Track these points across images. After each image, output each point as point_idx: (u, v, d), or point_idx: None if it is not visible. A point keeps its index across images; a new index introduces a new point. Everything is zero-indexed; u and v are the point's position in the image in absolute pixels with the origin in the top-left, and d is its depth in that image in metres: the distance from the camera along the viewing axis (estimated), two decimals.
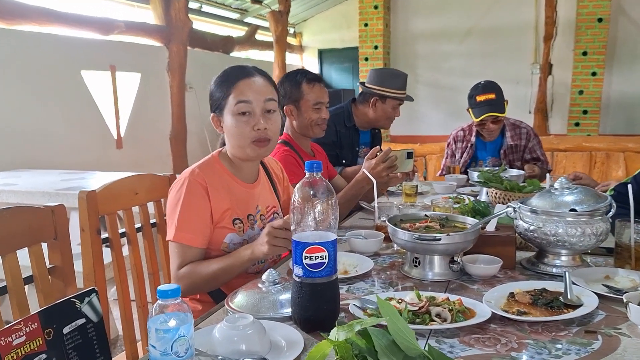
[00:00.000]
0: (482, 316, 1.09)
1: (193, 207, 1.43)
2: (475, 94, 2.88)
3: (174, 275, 1.43)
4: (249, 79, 1.48)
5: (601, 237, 1.35)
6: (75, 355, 0.87)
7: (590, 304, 1.13)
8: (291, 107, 2.18)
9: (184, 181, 1.46)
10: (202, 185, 1.45)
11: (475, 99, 2.87)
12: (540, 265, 1.43)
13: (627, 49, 7.91)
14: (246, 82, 1.47)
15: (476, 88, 2.91)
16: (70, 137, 5.09)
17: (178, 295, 0.82)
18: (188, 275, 1.41)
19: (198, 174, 1.47)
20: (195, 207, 1.43)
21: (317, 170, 1.06)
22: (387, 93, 2.65)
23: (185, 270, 1.42)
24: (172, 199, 1.46)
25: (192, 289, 1.45)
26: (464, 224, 1.50)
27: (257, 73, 1.51)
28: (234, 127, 1.47)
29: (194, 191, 1.44)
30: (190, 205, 1.43)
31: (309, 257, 1.02)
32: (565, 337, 1.03)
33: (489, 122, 2.86)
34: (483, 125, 2.89)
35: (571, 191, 1.40)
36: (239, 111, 1.46)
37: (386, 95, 2.65)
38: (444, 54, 9.05)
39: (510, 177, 2.37)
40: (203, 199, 1.45)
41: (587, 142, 4.73)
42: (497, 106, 2.82)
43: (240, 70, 1.50)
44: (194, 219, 1.43)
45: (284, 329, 1.04)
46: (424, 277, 1.39)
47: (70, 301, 0.89)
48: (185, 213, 1.42)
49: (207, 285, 1.46)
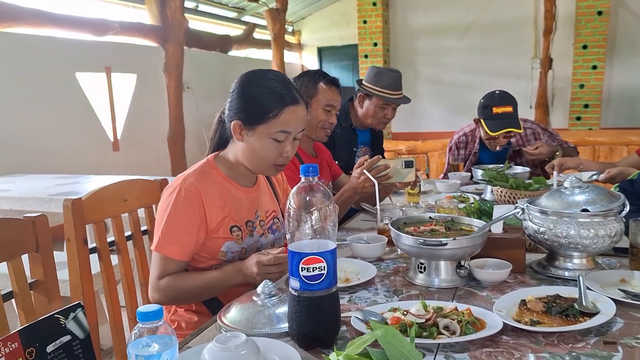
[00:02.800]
0: (493, 327, 1.02)
1: (180, 218, 1.35)
2: (492, 104, 2.65)
3: (152, 285, 1.37)
4: (295, 106, 1.39)
5: (615, 238, 1.28)
6: None
7: (607, 311, 1.06)
8: None
9: (174, 189, 1.38)
10: (195, 195, 1.37)
11: (492, 110, 2.64)
12: (552, 268, 1.35)
13: (628, 41, 7.83)
14: (292, 111, 1.38)
15: (492, 97, 2.69)
16: (65, 140, 5.03)
17: (161, 317, 0.75)
18: (167, 287, 1.36)
19: (191, 184, 1.38)
20: (182, 219, 1.35)
21: (313, 174, 0.98)
22: (372, 90, 2.55)
23: (165, 281, 1.36)
24: (161, 206, 1.40)
25: (171, 300, 1.40)
26: (470, 227, 1.43)
27: (301, 100, 1.42)
28: (263, 149, 1.39)
29: (183, 202, 1.36)
30: (177, 216, 1.35)
31: (306, 269, 0.95)
32: (583, 349, 0.96)
33: (501, 137, 2.67)
34: (495, 139, 2.69)
35: (582, 190, 1.33)
36: (276, 138, 1.38)
37: (371, 92, 2.56)
38: (444, 50, 8.97)
39: (515, 175, 2.29)
40: (193, 210, 1.37)
41: (589, 136, 4.66)
42: (514, 120, 2.61)
43: (289, 94, 1.39)
44: (180, 231, 1.35)
45: (280, 347, 0.96)
46: (430, 283, 1.31)
47: (54, 317, 0.84)
48: (171, 224, 1.35)
49: (188, 298, 1.43)
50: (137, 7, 6.25)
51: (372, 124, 2.65)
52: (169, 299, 1.38)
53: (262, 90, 1.38)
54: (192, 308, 1.49)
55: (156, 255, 1.37)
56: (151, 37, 6.07)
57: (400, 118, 9.36)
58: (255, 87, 1.39)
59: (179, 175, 1.45)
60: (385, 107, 2.58)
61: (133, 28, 5.85)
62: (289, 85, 1.41)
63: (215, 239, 1.41)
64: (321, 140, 2.16)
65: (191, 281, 1.37)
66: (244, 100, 1.39)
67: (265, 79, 1.40)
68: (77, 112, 5.19)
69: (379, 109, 2.58)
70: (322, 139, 2.16)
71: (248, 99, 1.38)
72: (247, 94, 1.39)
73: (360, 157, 2.74)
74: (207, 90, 7.20)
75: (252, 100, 1.38)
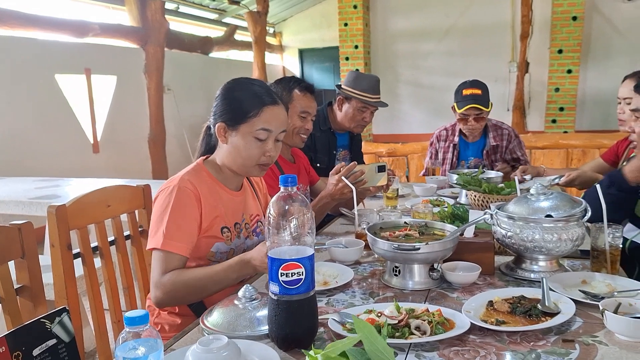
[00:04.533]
0: (461, 327, 1.08)
1: (182, 215, 1.40)
2: (462, 88, 2.85)
3: (156, 282, 1.36)
4: (274, 106, 1.47)
5: (577, 242, 1.36)
6: None
7: (567, 311, 1.13)
8: None
9: (173, 188, 1.42)
10: (193, 192, 1.43)
11: (462, 92, 2.83)
12: (519, 270, 1.43)
13: (601, 46, 8.06)
14: (272, 110, 1.47)
15: (464, 84, 2.89)
16: (45, 142, 4.98)
17: (147, 322, 0.80)
18: (171, 282, 1.35)
19: (188, 181, 1.44)
20: (185, 215, 1.40)
21: (291, 184, 1.04)
22: (351, 93, 2.64)
23: (169, 277, 1.36)
24: (160, 206, 1.42)
25: (173, 298, 1.38)
26: (442, 231, 1.50)
27: (280, 101, 1.50)
28: (246, 148, 1.46)
29: (183, 199, 1.41)
30: (180, 213, 1.39)
31: (285, 274, 1.00)
32: (543, 347, 1.03)
33: (472, 119, 2.82)
34: (466, 120, 2.85)
35: (547, 197, 1.41)
36: (257, 136, 1.46)
37: (350, 95, 2.64)
38: (424, 53, 9.10)
39: (488, 179, 2.38)
40: (192, 206, 1.42)
41: (563, 139, 4.79)
42: (481, 101, 2.79)
43: (269, 96, 1.48)
44: (182, 227, 1.39)
45: (260, 349, 1.01)
46: (404, 286, 1.37)
47: (40, 322, 0.87)
48: (174, 220, 1.38)
49: (191, 294, 1.40)
50: (117, 8, 6.21)
51: (351, 127, 2.73)
52: (171, 297, 1.37)
53: (243, 93, 1.48)
54: (175, 311, 1.53)
55: (158, 253, 1.37)
56: (131, 39, 6.05)
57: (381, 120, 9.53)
58: (237, 91, 1.49)
59: (171, 177, 1.49)
60: (364, 110, 2.67)
61: (113, 29, 5.82)
62: (268, 88, 1.51)
63: (206, 239, 1.46)
64: (298, 145, 2.22)
65: (195, 274, 1.38)
66: (227, 103, 1.48)
67: (247, 84, 1.51)
68: (57, 114, 5.15)
69: (358, 111, 2.67)
70: (299, 145, 2.21)
71: (230, 102, 1.48)
72: (230, 97, 1.49)
73: (340, 160, 2.82)
74: (188, 92, 7.19)
75: (234, 102, 1.47)
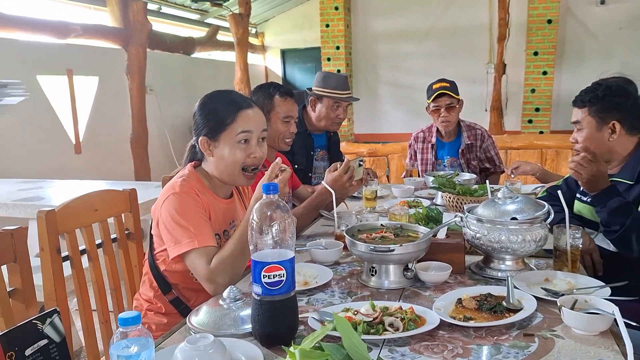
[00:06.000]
0: (431, 324, 1.17)
1: (197, 214, 1.47)
2: (432, 84, 3.06)
3: (207, 275, 1.41)
4: (249, 109, 1.55)
5: (540, 243, 1.46)
6: None
7: (529, 307, 1.23)
8: None
9: (178, 194, 1.48)
10: (195, 194, 1.50)
11: (432, 87, 3.03)
12: (487, 269, 1.52)
13: (575, 48, 8.29)
14: (246, 113, 1.54)
15: (433, 82, 3.09)
16: (27, 143, 4.96)
17: (139, 322, 0.86)
18: (219, 263, 1.41)
19: (186, 185, 1.51)
20: (198, 213, 1.48)
21: (273, 192, 1.11)
22: (322, 93, 2.74)
23: (214, 262, 1.42)
24: (172, 213, 1.46)
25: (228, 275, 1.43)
26: (416, 233, 1.58)
27: (255, 105, 1.59)
28: (230, 154, 1.53)
29: (191, 200, 1.48)
30: (195, 212, 1.47)
31: (268, 276, 1.07)
32: (506, 341, 1.12)
33: (444, 110, 2.97)
34: (439, 111, 2.99)
35: (513, 200, 1.50)
36: (239, 140, 1.52)
37: (321, 95, 2.74)
38: (404, 54, 9.23)
39: (463, 182, 2.48)
40: (200, 205, 1.50)
41: (538, 140, 4.95)
42: (451, 90, 2.97)
43: (242, 101, 1.56)
44: (203, 223, 1.47)
45: (244, 346, 1.08)
46: (381, 285, 1.46)
47: (32, 323, 0.91)
48: (195, 220, 1.45)
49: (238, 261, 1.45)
50: (98, 9, 6.19)
51: (326, 126, 2.83)
52: (225, 275, 1.42)
53: (217, 104, 1.56)
54: (162, 311, 1.60)
55: (196, 252, 1.42)
56: (113, 40, 6.04)
57: (362, 120, 9.63)
58: (211, 103, 1.57)
59: (168, 184, 1.55)
60: (336, 107, 2.78)
61: (95, 30, 5.80)
62: (240, 95, 1.60)
63: None
64: (284, 149, 2.30)
65: (229, 244, 1.45)
66: (204, 117, 1.55)
67: (219, 95, 1.59)
68: (39, 115, 5.13)
69: (331, 109, 2.77)
70: (286, 149, 2.30)
71: (207, 115, 1.55)
72: (205, 111, 1.56)
73: (319, 160, 2.91)
74: (170, 92, 7.19)
75: (210, 114, 1.54)
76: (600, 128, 1.80)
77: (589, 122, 1.82)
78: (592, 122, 1.81)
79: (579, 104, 1.86)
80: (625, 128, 1.78)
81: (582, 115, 1.84)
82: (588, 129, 1.82)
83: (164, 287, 1.59)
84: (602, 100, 1.79)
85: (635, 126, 1.79)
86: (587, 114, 1.82)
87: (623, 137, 1.79)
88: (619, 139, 1.78)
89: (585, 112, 1.83)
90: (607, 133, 1.79)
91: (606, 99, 1.78)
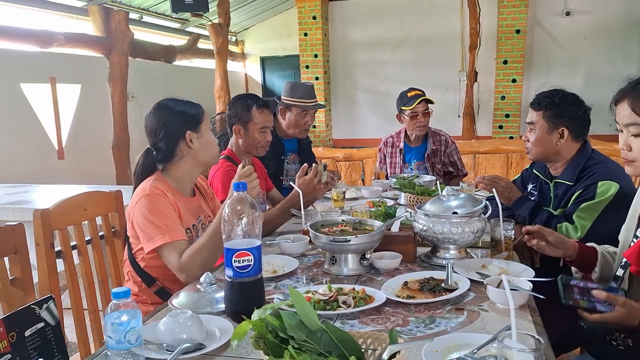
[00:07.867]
0: (379, 301, 1.37)
1: (167, 211, 1.65)
2: (406, 92, 3.25)
3: (178, 266, 1.58)
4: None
5: (478, 234, 1.68)
6: (37, 355, 1.01)
7: (463, 287, 1.44)
8: (239, 127, 2.44)
9: (148, 195, 1.65)
10: (164, 193, 1.68)
11: (407, 95, 3.22)
12: (434, 258, 1.74)
13: (542, 57, 8.66)
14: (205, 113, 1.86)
15: (404, 90, 3.29)
16: (10, 149, 5.06)
17: (128, 296, 1.05)
18: (189, 256, 1.58)
19: (156, 187, 1.68)
20: (168, 211, 1.65)
21: (242, 189, 1.31)
22: (290, 102, 2.95)
23: (185, 255, 1.59)
24: (143, 213, 1.63)
25: (198, 268, 1.56)
26: (372, 227, 1.79)
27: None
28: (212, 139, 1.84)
29: (160, 200, 1.65)
30: (164, 211, 1.64)
31: (238, 261, 1.26)
32: (440, 314, 1.33)
33: (421, 115, 3.18)
34: (416, 117, 3.19)
35: (455, 197, 1.72)
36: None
37: (289, 103, 2.95)
38: (380, 62, 9.51)
39: (424, 183, 2.71)
40: (169, 204, 1.67)
41: (504, 145, 5.24)
42: (427, 97, 3.19)
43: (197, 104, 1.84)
44: (173, 219, 1.65)
45: (218, 321, 1.27)
46: (340, 272, 1.65)
47: (31, 308, 1.02)
48: (165, 217, 1.63)
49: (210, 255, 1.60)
50: (81, 18, 6.32)
51: (296, 133, 3.03)
52: (196, 266, 1.57)
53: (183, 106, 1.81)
54: (148, 302, 1.77)
55: (168, 246, 1.60)
56: (96, 48, 6.17)
57: (340, 126, 9.86)
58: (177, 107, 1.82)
59: (138, 188, 1.72)
60: (304, 114, 2.99)
61: (78, 39, 5.93)
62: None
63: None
64: (261, 155, 2.52)
65: (201, 239, 1.61)
66: (177, 116, 1.78)
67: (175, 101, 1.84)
68: (22, 122, 5.24)
69: (300, 117, 2.98)
70: (262, 154, 2.52)
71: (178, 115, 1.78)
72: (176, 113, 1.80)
73: (290, 163, 3.11)
74: (152, 99, 7.14)
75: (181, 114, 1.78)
76: (551, 132, 1.97)
77: (541, 125, 1.99)
78: (544, 126, 1.98)
79: (535, 107, 2.02)
80: (572, 135, 1.96)
81: (537, 117, 2.01)
82: (540, 131, 2.00)
83: (147, 280, 1.76)
84: (557, 107, 1.96)
85: (581, 134, 1.99)
86: (541, 117, 1.99)
87: (569, 142, 1.97)
88: (565, 143, 1.97)
89: (540, 115, 2.00)
90: (556, 137, 1.97)
91: (560, 106, 1.96)
